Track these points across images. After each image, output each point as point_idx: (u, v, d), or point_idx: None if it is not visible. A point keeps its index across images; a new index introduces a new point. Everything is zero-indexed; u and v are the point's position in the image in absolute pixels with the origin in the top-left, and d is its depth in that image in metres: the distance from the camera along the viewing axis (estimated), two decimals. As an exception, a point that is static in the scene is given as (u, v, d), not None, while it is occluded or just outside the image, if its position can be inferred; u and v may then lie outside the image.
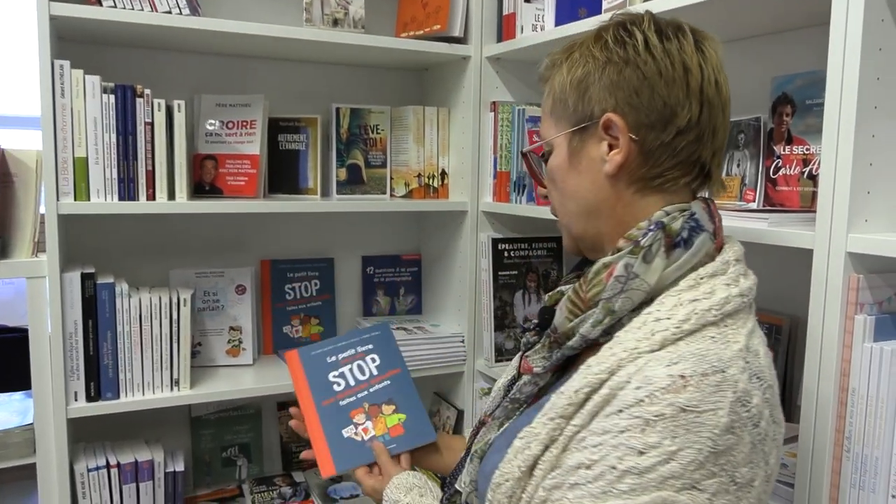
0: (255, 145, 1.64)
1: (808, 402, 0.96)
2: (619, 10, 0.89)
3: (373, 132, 1.80)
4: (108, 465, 1.48)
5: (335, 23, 1.64)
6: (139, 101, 1.42)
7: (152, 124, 1.43)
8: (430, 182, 1.82)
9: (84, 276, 1.40)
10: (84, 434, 1.64)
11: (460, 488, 0.92)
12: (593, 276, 0.80)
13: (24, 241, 1.39)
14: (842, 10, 0.91)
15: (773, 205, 1.21)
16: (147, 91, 1.43)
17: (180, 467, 1.55)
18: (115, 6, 1.38)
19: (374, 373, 1.30)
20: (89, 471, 1.46)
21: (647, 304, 0.79)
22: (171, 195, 1.48)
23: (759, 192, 1.24)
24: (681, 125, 0.79)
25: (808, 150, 1.16)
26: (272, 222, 1.86)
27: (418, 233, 2.05)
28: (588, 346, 0.82)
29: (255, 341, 1.77)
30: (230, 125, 1.65)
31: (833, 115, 0.92)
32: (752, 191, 1.24)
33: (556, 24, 1.51)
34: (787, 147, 1.19)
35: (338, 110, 1.76)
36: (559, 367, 0.87)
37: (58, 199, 1.37)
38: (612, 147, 0.81)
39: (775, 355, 1.06)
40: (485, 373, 1.77)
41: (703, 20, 1.00)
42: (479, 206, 1.77)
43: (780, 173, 1.20)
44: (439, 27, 1.70)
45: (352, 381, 1.28)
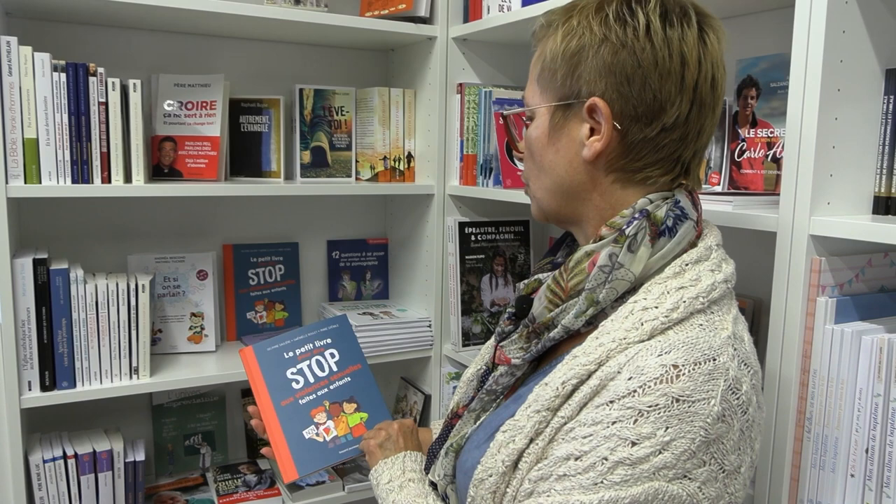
0: (215, 127, 1.60)
1: (771, 383, 0.97)
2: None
3: (337, 114, 1.76)
4: (65, 456, 1.44)
5: (297, 1, 1.60)
6: (92, 79, 1.37)
7: (106, 104, 1.39)
8: (396, 165, 1.79)
9: (36, 262, 1.35)
10: (40, 425, 1.60)
11: (435, 480, 0.91)
12: (575, 265, 0.78)
13: (-29, 226, 1.34)
14: (807, -9, 0.91)
15: (737, 188, 1.21)
16: (101, 70, 1.37)
17: (141, 457, 1.52)
18: (65, -20, 1.33)
19: (334, 368, 1.26)
20: (45, 462, 1.42)
21: (630, 292, 0.77)
22: (128, 178, 1.44)
23: (723, 175, 1.24)
24: (667, 122, 0.77)
25: (772, 133, 1.16)
26: (234, 206, 1.82)
27: (384, 217, 2.03)
28: (569, 336, 0.80)
29: (218, 328, 1.74)
30: (189, 106, 1.60)
31: (797, 98, 0.93)
32: (717, 174, 1.25)
33: (524, 4, 1.49)
34: (751, 130, 1.19)
35: (301, 91, 1.72)
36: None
37: (6, 182, 1.32)
38: (593, 131, 0.79)
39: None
40: (452, 357, 1.76)
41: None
42: (445, 190, 1.76)
43: (744, 156, 1.20)
44: (405, 6, 1.67)
45: (311, 378, 1.24)
